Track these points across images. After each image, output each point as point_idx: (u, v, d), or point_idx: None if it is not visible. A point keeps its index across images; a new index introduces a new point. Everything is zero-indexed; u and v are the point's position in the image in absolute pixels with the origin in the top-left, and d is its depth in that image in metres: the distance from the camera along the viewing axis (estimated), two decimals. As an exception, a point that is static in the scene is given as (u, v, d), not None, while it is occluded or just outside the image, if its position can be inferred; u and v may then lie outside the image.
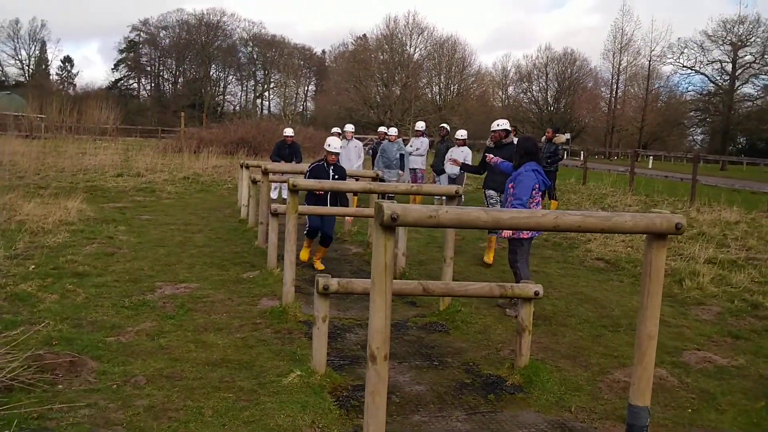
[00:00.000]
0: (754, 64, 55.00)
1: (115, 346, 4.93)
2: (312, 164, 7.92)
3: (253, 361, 4.79)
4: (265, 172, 8.12)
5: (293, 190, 5.84)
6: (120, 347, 4.90)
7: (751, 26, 53.31)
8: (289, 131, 13.83)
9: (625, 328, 5.98)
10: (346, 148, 13.17)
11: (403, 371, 4.82)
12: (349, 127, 13.66)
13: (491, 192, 8.46)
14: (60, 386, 4.16)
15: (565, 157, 12.56)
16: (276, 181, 9.45)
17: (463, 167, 9.17)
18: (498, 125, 8.41)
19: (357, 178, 9.68)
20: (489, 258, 8.75)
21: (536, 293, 4.58)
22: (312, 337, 4.64)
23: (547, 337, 5.68)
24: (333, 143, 7.88)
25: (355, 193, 11.03)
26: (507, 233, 6.22)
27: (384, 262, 3.10)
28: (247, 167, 11.16)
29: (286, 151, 13.43)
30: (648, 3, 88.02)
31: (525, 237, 6.34)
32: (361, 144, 13.70)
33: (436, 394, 4.43)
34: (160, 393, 4.14)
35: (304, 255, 8.18)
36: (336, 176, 7.66)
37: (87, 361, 4.55)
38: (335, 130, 15.18)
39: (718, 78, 56.67)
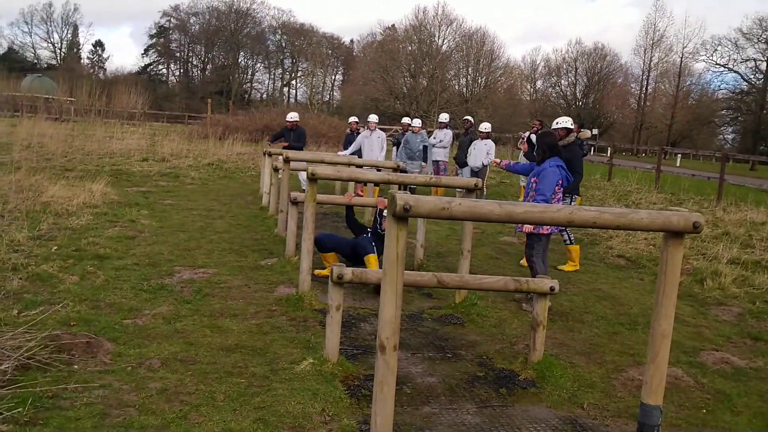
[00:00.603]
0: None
1: (131, 328, 4.98)
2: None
3: (266, 347, 4.82)
4: (287, 161, 8.14)
5: (312, 178, 5.85)
6: (136, 330, 4.96)
7: (787, 23, 52.19)
8: (292, 116, 13.53)
9: (642, 326, 5.90)
10: (369, 138, 13.18)
11: (416, 362, 4.81)
12: (373, 118, 13.64)
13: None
14: (75, 366, 4.22)
15: (590, 153, 12.39)
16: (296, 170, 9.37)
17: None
18: (558, 123, 7.69)
19: (379, 168, 9.67)
20: (571, 267, 8.10)
21: (552, 289, 4.54)
22: (325, 325, 4.65)
23: (562, 333, 5.64)
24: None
25: (376, 184, 11.01)
26: (527, 228, 6.17)
27: (396, 253, 3.10)
28: (270, 155, 11.20)
29: (291, 135, 13.32)
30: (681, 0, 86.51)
31: (544, 233, 6.29)
32: (384, 135, 13.67)
33: (447, 386, 4.42)
34: (173, 376, 4.18)
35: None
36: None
37: (103, 342, 4.61)
38: (353, 119, 15.16)
39: (752, 76, 55.65)
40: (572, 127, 7.75)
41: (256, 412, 3.78)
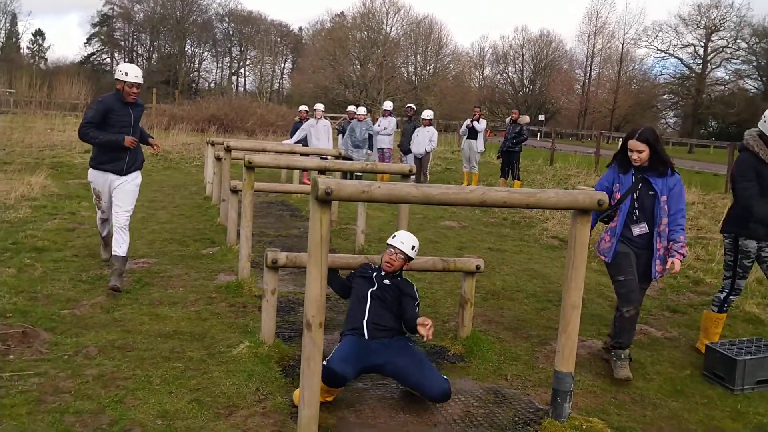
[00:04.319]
0: (727, 49, 55.78)
1: (69, 318, 5.02)
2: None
3: (205, 333, 4.92)
4: (228, 150, 8.19)
5: (249, 166, 5.94)
6: (74, 320, 5.00)
7: (725, 10, 54.04)
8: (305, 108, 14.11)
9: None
10: (315, 127, 13.27)
11: (351, 343, 4.98)
12: (319, 107, 13.73)
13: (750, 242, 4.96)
14: (11, 356, 4.26)
15: (528, 138, 12.69)
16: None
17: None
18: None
19: (325, 156, 9.79)
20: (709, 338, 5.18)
21: (477, 267, 4.76)
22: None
23: (493, 310, 5.89)
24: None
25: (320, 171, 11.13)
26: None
27: (320, 235, 3.24)
28: (213, 144, 11.20)
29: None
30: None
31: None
32: (329, 123, 13.78)
33: (380, 364, 4.60)
34: (110, 363, 4.26)
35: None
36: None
37: (39, 332, 4.65)
38: (303, 107, 15.23)
39: (692, 62, 57.38)
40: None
41: (191, 393, 3.90)
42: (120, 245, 5.87)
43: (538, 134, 40.24)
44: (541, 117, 48.24)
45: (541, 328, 5.48)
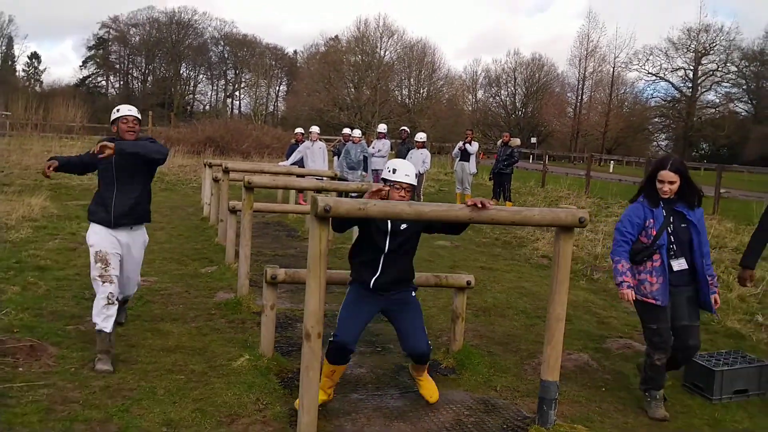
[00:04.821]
0: (717, 72, 56.64)
1: (74, 333, 5.20)
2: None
3: (205, 347, 5.10)
4: (226, 171, 8.41)
5: (248, 187, 6.16)
6: (79, 334, 5.18)
7: (714, 35, 54.93)
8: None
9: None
10: (311, 149, 13.52)
11: (347, 356, 5.17)
12: (315, 129, 13.99)
13: None
14: (20, 368, 4.44)
15: (519, 160, 12.99)
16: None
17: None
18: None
19: (320, 177, 10.03)
20: None
21: (468, 283, 4.97)
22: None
23: (484, 326, 6.10)
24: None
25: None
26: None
27: (319, 250, 3.46)
28: (210, 166, 11.42)
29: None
30: (614, 11, 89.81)
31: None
32: (325, 146, 14.04)
33: (375, 375, 4.80)
34: (115, 375, 4.44)
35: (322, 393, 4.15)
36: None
37: (47, 347, 4.82)
38: (299, 130, 15.49)
39: (682, 85, 58.21)
40: None
41: (194, 403, 4.08)
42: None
43: (531, 157, 40.61)
44: (534, 140, 48.74)
45: (530, 342, 5.68)
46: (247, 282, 6.34)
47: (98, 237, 4.74)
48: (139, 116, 4.94)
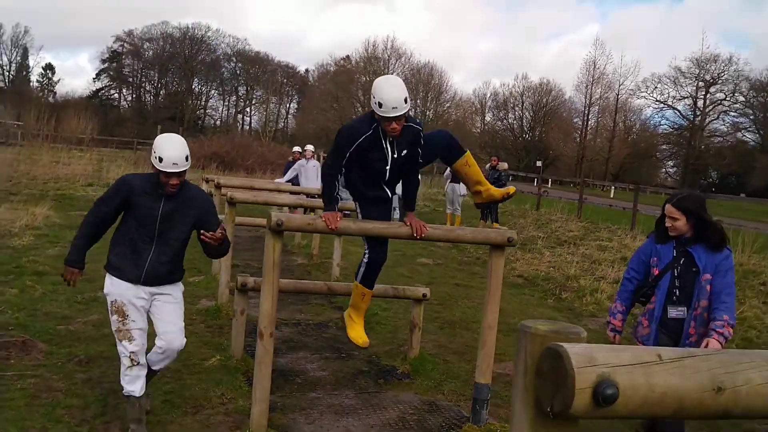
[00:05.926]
0: (725, 101, 57.08)
1: (64, 332, 5.67)
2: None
3: (183, 348, 5.55)
4: (218, 186, 8.91)
5: (231, 202, 6.66)
6: (68, 333, 5.65)
7: (723, 65, 55.44)
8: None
9: (517, 332, 6.83)
10: (305, 167, 14.02)
11: (313, 361, 5.62)
12: (309, 147, 14.47)
13: None
14: (12, 361, 4.91)
15: (507, 183, 13.41)
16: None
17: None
18: None
19: (312, 195, 10.51)
20: None
21: (424, 295, 5.42)
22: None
23: (446, 337, 6.53)
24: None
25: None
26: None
27: (273, 260, 3.94)
28: (208, 181, 11.94)
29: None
30: (623, 39, 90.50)
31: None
32: (319, 164, 14.52)
33: (335, 378, 5.24)
34: (98, 370, 4.91)
35: (358, 330, 4.70)
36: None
37: (37, 343, 5.30)
38: (296, 148, 16.01)
39: (690, 113, 58.62)
40: None
41: (165, 395, 4.54)
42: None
43: (535, 180, 41.04)
44: (539, 163, 49.18)
45: (484, 353, 6.10)
46: (227, 290, 6.80)
47: (117, 288, 4.06)
48: (187, 166, 3.86)
